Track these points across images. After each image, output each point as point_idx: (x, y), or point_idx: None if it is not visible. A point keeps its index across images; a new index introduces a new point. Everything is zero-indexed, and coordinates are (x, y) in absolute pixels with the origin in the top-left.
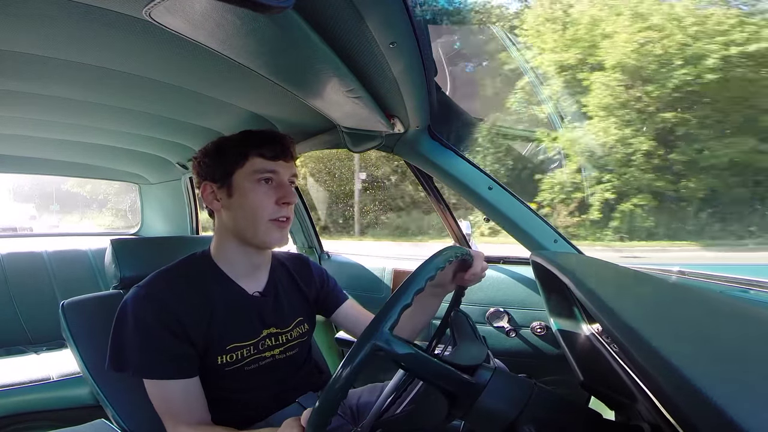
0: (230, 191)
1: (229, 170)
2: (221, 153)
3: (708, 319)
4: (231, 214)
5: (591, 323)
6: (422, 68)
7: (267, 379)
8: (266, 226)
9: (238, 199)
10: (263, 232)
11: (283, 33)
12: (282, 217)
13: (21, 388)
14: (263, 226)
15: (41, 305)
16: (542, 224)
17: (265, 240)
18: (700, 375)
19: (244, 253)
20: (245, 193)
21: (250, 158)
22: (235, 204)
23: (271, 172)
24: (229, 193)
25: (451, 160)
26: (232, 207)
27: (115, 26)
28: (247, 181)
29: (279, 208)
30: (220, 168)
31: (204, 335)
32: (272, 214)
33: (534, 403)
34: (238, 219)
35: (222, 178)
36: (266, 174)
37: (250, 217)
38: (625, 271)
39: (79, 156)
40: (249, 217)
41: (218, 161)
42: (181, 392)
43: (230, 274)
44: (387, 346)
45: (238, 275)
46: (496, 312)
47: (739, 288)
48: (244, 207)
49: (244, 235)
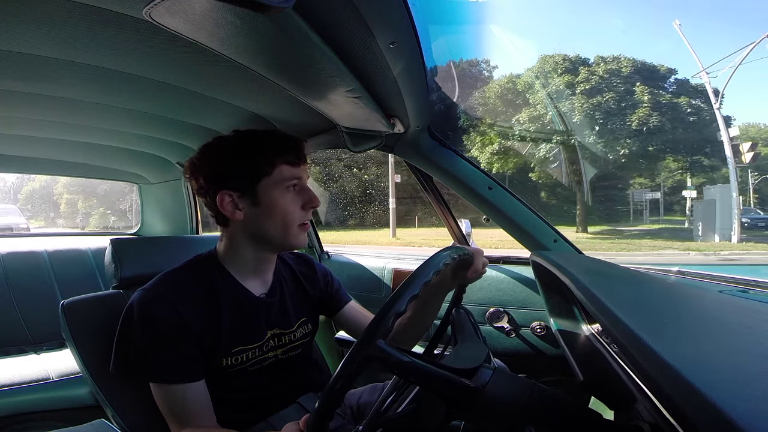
0: (256, 199)
1: (255, 178)
2: (241, 159)
3: (707, 319)
4: (256, 221)
5: (591, 323)
6: (422, 68)
7: (268, 378)
8: (295, 232)
9: (266, 208)
10: (293, 236)
11: (283, 33)
12: (307, 220)
13: (21, 388)
14: (293, 231)
15: (41, 305)
16: (542, 224)
17: (294, 244)
18: (700, 375)
19: (257, 256)
20: (274, 201)
21: (278, 166)
22: (263, 212)
23: (297, 178)
24: (255, 202)
25: (451, 160)
26: (258, 215)
27: (115, 26)
28: (276, 189)
29: (305, 213)
30: (243, 176)
31: (211, 337)
32: (300, 219)
33: (534, 403)
34: (264, 226)
35: (245, 187)
36: (293, 181)
37: (280, 225)
38: (625, 271)
39: (79, 156)
40: (279, 224)
41: (238, 169)
42: (189, 396)
43: (237, 275)
44: (381, 355)
45: (245, 277)
46: (496, 312)
47: (738, 288)
48: (274, 215)
49: (270, 240)
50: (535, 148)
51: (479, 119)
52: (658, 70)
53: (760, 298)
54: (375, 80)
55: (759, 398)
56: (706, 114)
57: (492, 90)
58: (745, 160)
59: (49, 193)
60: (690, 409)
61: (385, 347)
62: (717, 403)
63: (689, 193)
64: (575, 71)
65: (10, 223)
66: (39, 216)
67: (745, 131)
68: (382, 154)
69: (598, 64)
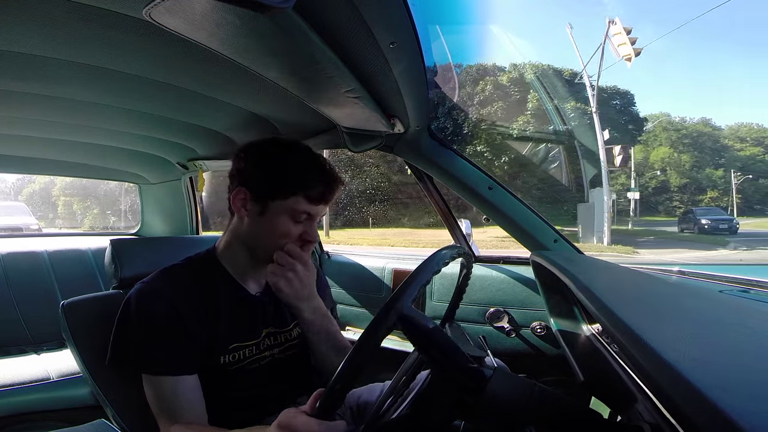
0: (263, 210)
1: (271, 195)
2: (266, 172)
3: (707, 319)
4: (254, 227)
5: (591, 323)
6: (422, 68)
7: (266, 378)
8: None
9: (267, 222)
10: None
11: (283, 33)
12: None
13: (21, 388)
14: (279, 251)
15: (41, 305)
16: (542, 224)
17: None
18: (700, 375)
19: (251, 258)
20: (276, 221)
21: (294, 197)
22: (263, 224)
23: (307, 213)
24: (261, 212)
25: (451, 160)
26: (258, 223)
27: (115, 26)
28: (284, 214)
29: (300, 241)
30: (264, 187)
31: (207, 333)
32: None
33: (534, 403)
34: (258, 235)
35: (259, 195)
36: (303, 215)
37: (270, 241)
38: (625, 271)
39: (79, 156)
40: (269, 240)
41: (261, 179)
42: (180, 389)
43: (234, 273)
44: (411, 315)
45: (242, 275)
46: (496, 312)
47: (738, 288)
48: (269, 231)
49: (256, 249)
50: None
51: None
52: (561, 74)
53: (760, 298)
54: (375, 80)
55: (759, 398)
56: (588, 119)
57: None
58: (617, 164)
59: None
60: (690, 409)
61: (412, 312)
62: (717, 403)
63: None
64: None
65: (19, 223)
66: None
67: (736, 130)
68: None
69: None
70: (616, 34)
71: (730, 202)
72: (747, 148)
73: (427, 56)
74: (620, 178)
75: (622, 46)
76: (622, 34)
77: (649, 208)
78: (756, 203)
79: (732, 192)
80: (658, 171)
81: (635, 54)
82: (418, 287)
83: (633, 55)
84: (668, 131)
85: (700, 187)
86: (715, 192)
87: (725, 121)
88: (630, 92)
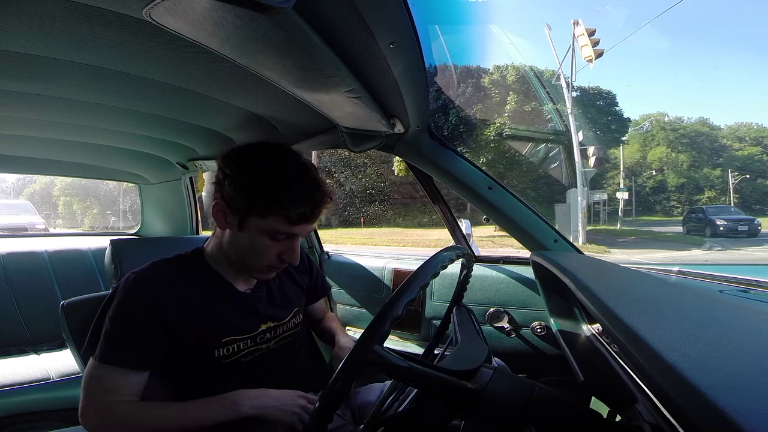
0: (241, 226)
1: (248, 212)
2: (244, 189)
3: (708, 319)
4: (233, 241)
5: (591, 323)
6: (422, 68)
7: (262, 369)
8: (262, 270)
9: (245, 238)
10: (258, 272)
11: (284, 33)
12: (279, 267)
13: (21, 388)
14: (259, 268)
15: (41, 305)
16: (542, 224)
17: (254, 276)
18: (701, 375)
19: (238, 264)
20: (254, 239)
21: (272, 216)
22: (242, 240)
23: (286, 234)
24: (240, 227)
25: (451, 160)
26: (237, 238)
27: (115, 26)
28: (261, 232)
29: (279, 261)
30: (241, 203)
31: (191, 329)
32: (271, 263)
33: (535, 403)
34: (237, 250)
35: (237, 211)
36: (281, 235)
37: (248, 258)
38: (625, 271)
39: (79, 156)
40: (248, 257)
41: (241, 196)
42: (123, 383)
43: (223, 273)
44: (379, 360)
45: (230, 275)
46: (496, 312)
47: (738, 288)
48: (248, 248)
49: (238, 263)
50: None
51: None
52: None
53: (760, 298)
54: (375, 80)
55: (759, 398)
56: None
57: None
58: (591, 165)
59: (49, 194)
60: (690, 409)
61: (382, 352)
62: (718, 403)
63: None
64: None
65: (24, 222)
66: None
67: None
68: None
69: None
70: (580, 35)
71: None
72: (745, 148)
73: (427, 56)
74: (616, 179)
75: (584, 47)
76: (584, 36)
77: (647, 208)
78: (754, 203)
79: (729, 192)
80: (654, 171)
81: (596, 55)
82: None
83: (594, 57)
84: (665, 131)
85: (698, 186)
86: (712, 192)
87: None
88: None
